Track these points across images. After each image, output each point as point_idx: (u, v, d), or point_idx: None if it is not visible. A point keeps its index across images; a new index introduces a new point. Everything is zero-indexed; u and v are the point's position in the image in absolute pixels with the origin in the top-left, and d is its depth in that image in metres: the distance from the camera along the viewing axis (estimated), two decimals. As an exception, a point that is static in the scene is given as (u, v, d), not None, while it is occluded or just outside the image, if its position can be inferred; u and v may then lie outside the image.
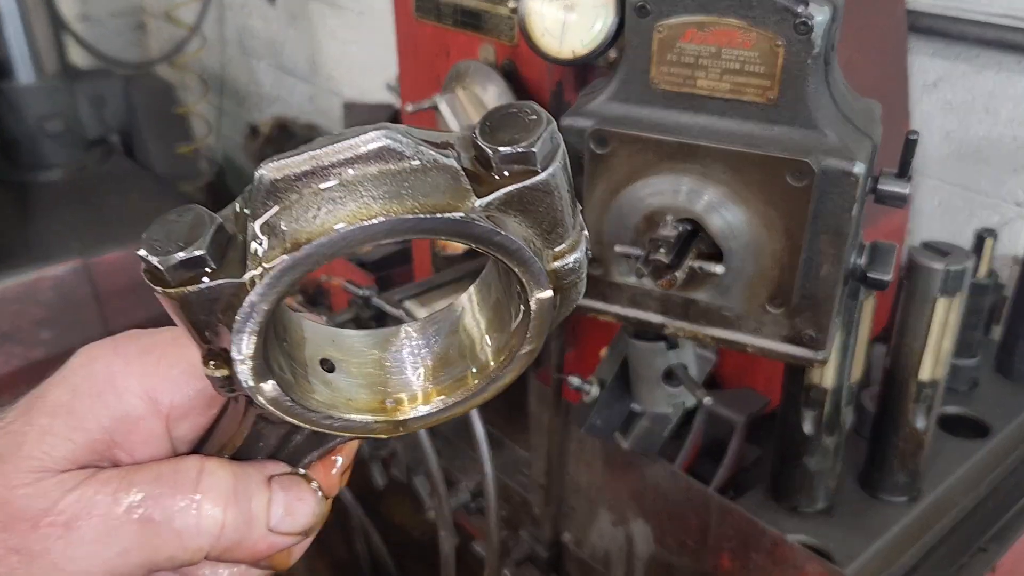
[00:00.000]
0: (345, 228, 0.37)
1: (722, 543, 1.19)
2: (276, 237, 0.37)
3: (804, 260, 0.92)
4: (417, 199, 0.37)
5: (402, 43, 1.46)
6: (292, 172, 0.37)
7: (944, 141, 1.64)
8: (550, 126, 0.38)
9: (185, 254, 0.37)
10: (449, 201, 0.38)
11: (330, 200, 0.37)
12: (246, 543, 0.46)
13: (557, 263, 0.41)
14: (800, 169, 0.87)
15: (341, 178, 0.37)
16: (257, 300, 0.38)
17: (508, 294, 0.45)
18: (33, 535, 0.42)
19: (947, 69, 1.60)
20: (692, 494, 1.21)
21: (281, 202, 0.37)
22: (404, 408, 0.47)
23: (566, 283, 0.42)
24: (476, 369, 0.47)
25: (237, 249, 0.38)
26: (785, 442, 1.18)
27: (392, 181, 0.37)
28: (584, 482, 1.41)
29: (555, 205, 0.39)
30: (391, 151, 0.37)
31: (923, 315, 1.09)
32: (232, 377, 0.40)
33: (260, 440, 0.49)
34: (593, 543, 1.44)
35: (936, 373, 1.13)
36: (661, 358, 1.15)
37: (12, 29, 3.02)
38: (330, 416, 0.45)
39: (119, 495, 0.43)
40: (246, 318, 0.38)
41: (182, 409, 0.47)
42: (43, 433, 0.44)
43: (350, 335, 0.49)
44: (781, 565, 1.11)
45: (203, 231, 0.38)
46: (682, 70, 0.93)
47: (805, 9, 0.85)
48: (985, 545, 1.19)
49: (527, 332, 0.43)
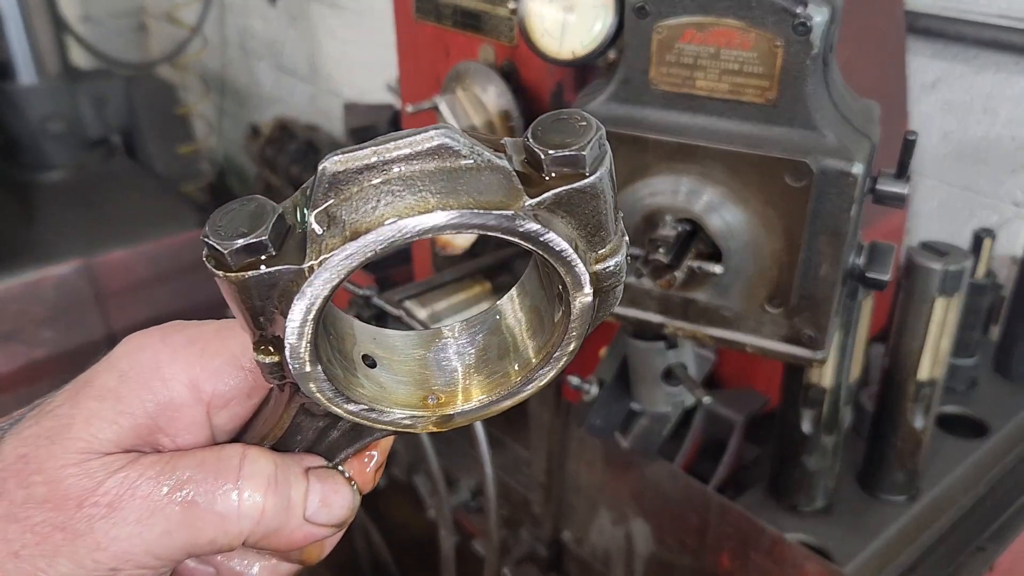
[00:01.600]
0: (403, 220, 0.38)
1: (721, 542, 1.19)
2: (336, 226, 0.39)
3: (803, 260, 0.92)
4: (472, 195, 0.39)
5: (402, 44, 1.46)
6: (354, 165, 0.39)
7: (943, 141, 1.64)
8: (599, 132, 0.40)
9: (247, 240, 0.38)
10: (502, 199, 0.39)
11: (389, 193, 0.39)
12: (284, 531, 0.47)
13: (599, 266, 0.43)
14: (799, 169, 0.87)
15: (401, 172, 0.39)
16: (316, 287, 0.39)
17: (549, 296, 0.46)
18: (78, 514, 0.43)
19: (946, 70, 1.60)
20: (691, 493, 1.21)
21: (342, 194, 0.39)
22: (445, 405, 0.48)
23: (606, 286, 0.44)
24: (518, 367, 0.48)
25: (296, 238, 0.40)
26: (784, 441, 1.18)
27: (449, 178, 0.39)
28: (584, 481, 1.41)
29: (600, 209, 0.41)
30: (448, 149, 0.39)
31: (921, 315, 1.09)
32: (282, 364, 0.42)
33: (299, 433, 0.50)
34: (593, 542, 1.44)
35: (934, 373, 1.13)
36: (660, 357, 1.15)
37: (14, 30, 3.03)
38: (373, 409, 0.46)
39: (162, 478, 0.44)
40: (305, 304, 0.39)
41: (223, 398, 0.49)
42: (90, 416, 0.45)
43: (392, 334, 0.50)
44: (780, 564, 1.11)
45: (265, 219, 0.39)
46: (681, 71, 0.93)
47: (804, 10, 0.85)
48: (983, 544, 1.19)
49: (567, 332, 0.44)
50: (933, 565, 1.17)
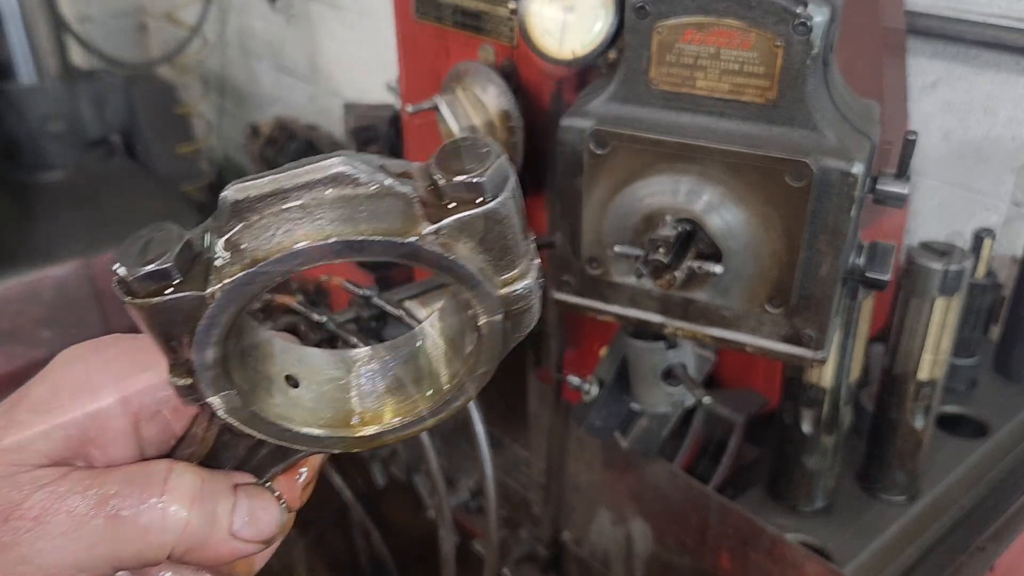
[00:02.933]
0: (299, 247, 0.40)
1: (721, 542, 1.19)
2: (237, 254, 0.41)
3: (803, 260, 0.92)
4: (370, 222, 0.40)
5: (402, 44, 1.46)
6: (255, 193, 0.40)
7: (943, 141, 1.64)
8: (500, 158, 0.41)
9: (151, 267, 0.40)
10: (400, 226, 0.41)
11: (288, 220, 0.40)
12: (209, 545, 0.48)
13: (507, 289, 0.44)
14: (799, 169, 0.87)
15: (300, 201, 0.40)
16: (216, 312, 0.41)
17: (464, 321, 0.47)
18: (4, 527, 0.43)
19: (946, 70, 1.60)
20: (691, 493, 1.21)
21: (244, 221, 0.41)
22: (364, 425, 0.49)
23: (516, 309, 0.45)
24: (432, 392, 0.50)
25: (203, 265, 0.41)
26: (784, 441, 1.18)
27: (348, 205, 0.41)
28: (584, 481, 1.41)
29: (505, 233, 0.42)
30: (347, 177, 0.41)
31: (921, 315, 1.09)
32: (195, 387, 0.44)
33: (228, 451, 0.51)
34: (592, 542, 1.44)
35: (934, 373, 1.13)
36: (660, 357, 1.15)
37: (14, 30, 3.03)
38: (288, 429, 0.47)
39: (89, 492, 0.45)
40: (206, 329, 0.41)
41: (151, 411, 0.49)
42: (22, 428, 0.46)
43: (316, 354, 0.52)
44: (780, 564, 1.11)
45: (171, 246, 0.40)
46: (681, 71, 0.93)
47: (804, 10, 0.85)
48: (983, 544, 1.19)
49: (480, 356, 0.46)
50: (933, 565, 1.17)
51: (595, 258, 1.02)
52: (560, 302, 1.06)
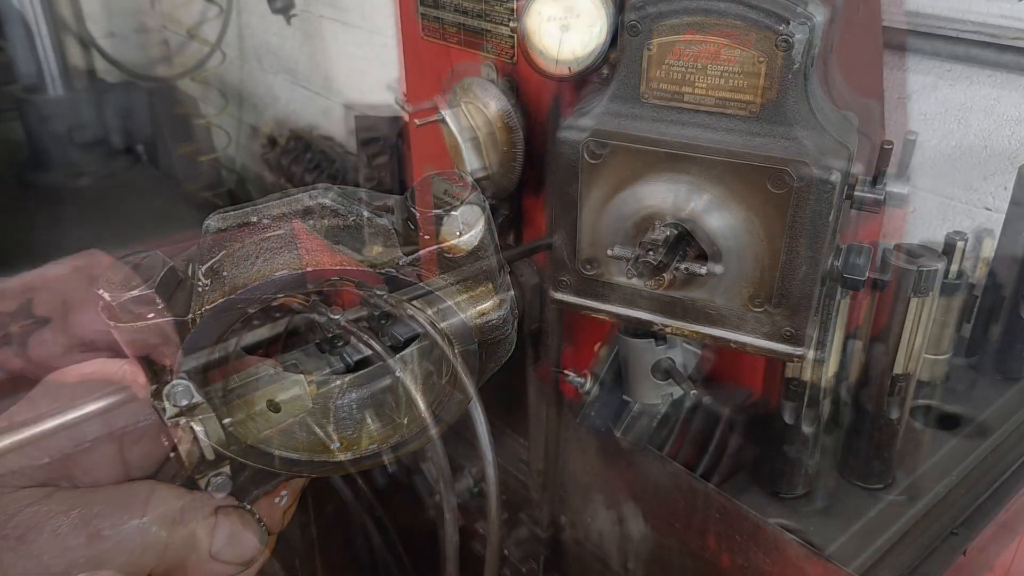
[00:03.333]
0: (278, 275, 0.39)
1: (707, 525, 1.20)
2: (218, 280, 0.40)
3: (784, 262, 0.92)
4: (346, 252, 0.40)
5: (408, 60, 1.47)
6: (235, 223, 0.40)
7: (918, 150, 1.65)
8: (474, 193, 0.41)
9: (135, 292, 0.40)
10: (376, 256, 0.40)
11: (268, 250, 0.40)
12: (189, 566, 0.46)
13: (481, 320, 0.43)
14: (780, 178, 0.88)
15: (280, 231, 0.40)
16: (197, 338, 0.40)
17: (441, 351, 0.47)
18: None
19: (920, 83, 1.61)
20: (679, 480, 1.22)
21: (225, 250, 0.40)
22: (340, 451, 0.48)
23: (490, 339, 0.44)
24: (408, 419, 0.49)
25: (186, 291, 0.41)
26: (767, 432, 1.19)
27: (326, 235, 0.40)
28: (579, 469, 1.41)
29: (479, 266, 0.41)
30: (327, 209, 0.40)
31: (896, 313, 1.10)
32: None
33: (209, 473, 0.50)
34: (587, 524, 1.45)
35: (909, 367, 1.14)
36: (651, 353, 1.16)
37: (43, 46, 3.04)
38: (268, 453, 0.46)
39: (72, 512, 0.44)
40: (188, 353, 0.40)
41: (135, 434, 0.48)
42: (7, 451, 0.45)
43: (297, 380, 0.51)
44: (762, 546, 1.12)
45: (155, 273, 0.40)
46: (671, 85, 0.94)
47: (786, 28, 0.86)
48: (956, 530, 1.20)
49: (455, 385, 0.45)
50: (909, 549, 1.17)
51: (591, 259, 1.03)
52: (558, 301, 1.07)
